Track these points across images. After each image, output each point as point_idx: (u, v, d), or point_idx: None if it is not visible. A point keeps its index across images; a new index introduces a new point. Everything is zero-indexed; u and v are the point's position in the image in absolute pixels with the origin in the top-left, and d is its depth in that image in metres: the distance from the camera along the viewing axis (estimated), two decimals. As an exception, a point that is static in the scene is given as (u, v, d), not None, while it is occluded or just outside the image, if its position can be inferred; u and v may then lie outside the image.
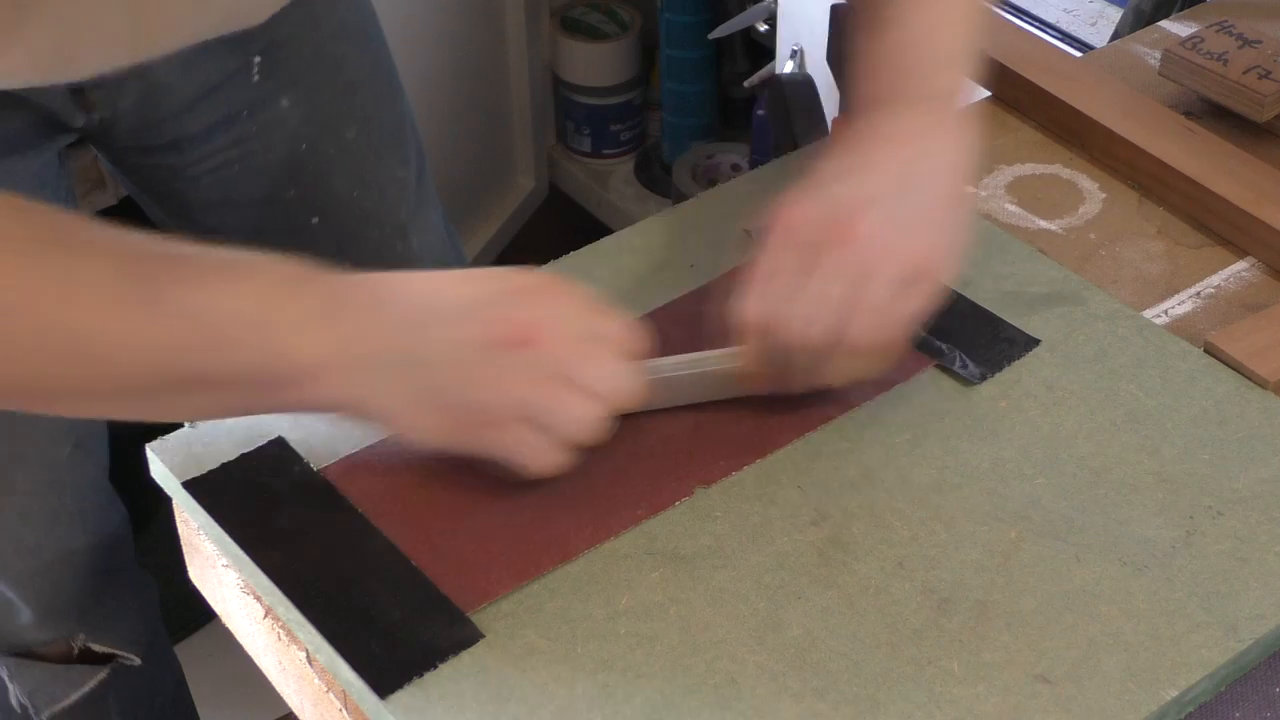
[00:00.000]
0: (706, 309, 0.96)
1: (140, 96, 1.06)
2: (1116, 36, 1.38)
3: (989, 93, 1.18)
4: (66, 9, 0.88)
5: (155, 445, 0.89)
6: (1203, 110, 1.13)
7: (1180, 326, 0.98)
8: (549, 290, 0.82)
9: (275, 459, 0.87)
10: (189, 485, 0.86)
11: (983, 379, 0.92)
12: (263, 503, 0.85)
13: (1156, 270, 1.02)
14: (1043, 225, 1.06)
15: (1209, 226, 1.05)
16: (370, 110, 1.18)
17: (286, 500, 0.85)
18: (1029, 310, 0.97)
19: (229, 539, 0.84)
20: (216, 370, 0.78)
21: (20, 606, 1.20)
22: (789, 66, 1.74)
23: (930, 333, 0.94)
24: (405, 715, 0.75)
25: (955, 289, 0.98)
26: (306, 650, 0.82)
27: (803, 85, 1.12)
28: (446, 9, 2.13)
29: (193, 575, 0.93)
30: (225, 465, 0.87)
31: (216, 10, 0.98)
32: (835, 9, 1.05)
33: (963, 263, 0.88)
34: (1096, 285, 0.99)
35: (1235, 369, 0.93)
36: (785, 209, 0.86)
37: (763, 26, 1.89)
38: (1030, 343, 0.94)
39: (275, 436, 0.88)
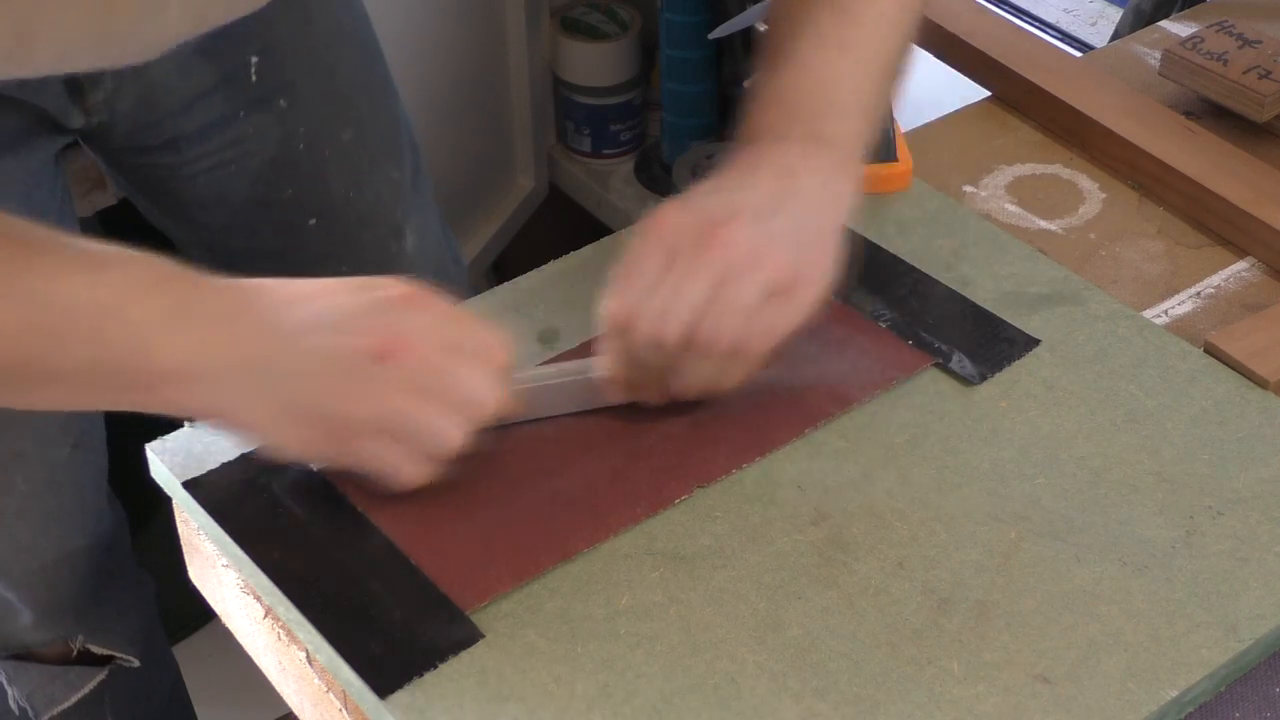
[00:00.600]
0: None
1: (139, 98, 1.06)
2: (1116, 36, 1.38)
3: (989, 93, 1.18)
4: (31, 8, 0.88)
5: (155, 445, 0.89)
6: (1203, 110, 1.13)
7: (1180, 326, 0.98)
8: (415, 301, 0.82)
9: (275, 459, 0.87)
10: (189, 485, 0.86)
11: (983, 379, 0.92)
12: (263, 503, 0.85)
13: (1156, 270, 1.02)
14: (1043, 225, 1.06)
15: (1209, 226, 1.05)
16: (366, 113, 1.18)
17: (286, 500, 0.85)
18: (1029, 310, 0.97)
19: (229, 539, 0.84)
20: (72, 362, 0.77)
21: (19, 607, 1.20)
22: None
23: (930, 332, 0.94)
24: (405, 715, 0.75)
25: (955, 289, 0.98)
26: (306, 650, 0.82)
27: (803, 85, 1.12)
28: (446, 9, 2.13)
29: (193, 575, 0.93)
30: (225, 465, 0.87)
31: (189, 11, 0.98)
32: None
33: (823, 296, 0.87)
34: (1096, 285, 0.99)
35: (1235, 369, 0.93)
36: (655, 213, 0.87)
37: (762, 26, 1.89)
38: (1030, 343, 0.94)
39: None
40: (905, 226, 1.03)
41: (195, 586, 0.94)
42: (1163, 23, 1.27)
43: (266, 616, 0.85)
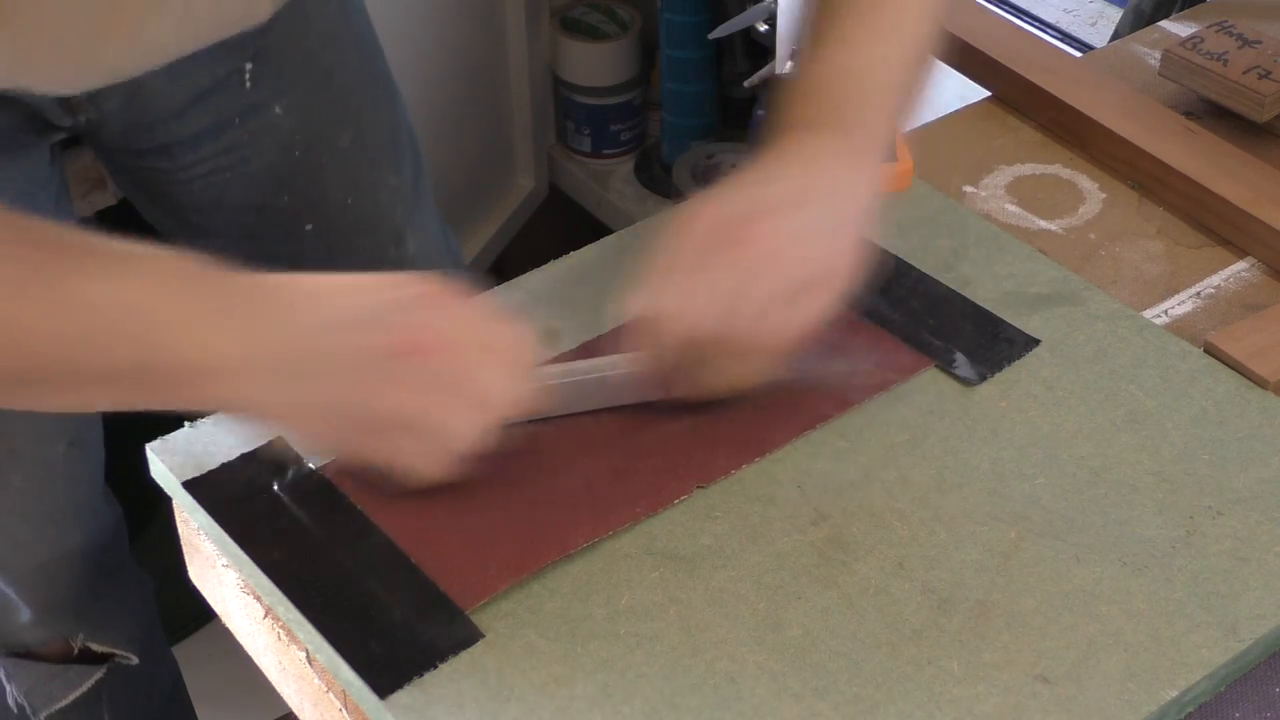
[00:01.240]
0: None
1: (126, 100, 1.06)
2: (1116, 36, 1.38)
3: (989, 93, 1.18)
4: (25, 25, 0.88)
5: (155, 445, 0.89)
6: (1203, 110, 1.13)
7: (1180, 326, 0.98)
8: (442, 298, 0.82)
9: (275, 459, 0.87)
10: (189, 485, 0.86)
11: (983, 379, 0.92)
12: (263, 503, 0.85)
13: (1156, 270, 1.02)
14: (1043, 225, 1.06)
15: (1209, 226, 1.05)
16: (364, 117, 1.18)
17: (286, 500, 0.85)
18: (1029, 310, 0.97)
19: (229, 539, 0.84)
20: (104, 363, 0.77)
21: (19, 605, 1.20)
22: (789, 66, 1.74)
23: (930, 333, 0.94)
24: (405, 715, 0.75)
25: (955, 289, 0.98)
26: (306, 650, 0.82)
27: (803, 85, 1.12)
28: (446, 9, 2.13)
29: (193, 575, 0.93)
30: (225, 465, 0.87)
31: (194, 30, 0.98)
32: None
33: (849, 288, 0.87)
34: (1096, 285, 0.99)
35: (1235, 369, 0.93)
36: (684, 210, 0.87)
37: (763, 26, 1.89)
38: (1030, 343, 0.94)
39: (275, 436, 0.88)
40: (905, 226, 1.03)
41: (195, 586, 0.94)
42: (1163, 23, 1.27)
43: (266, 616, 0.85)
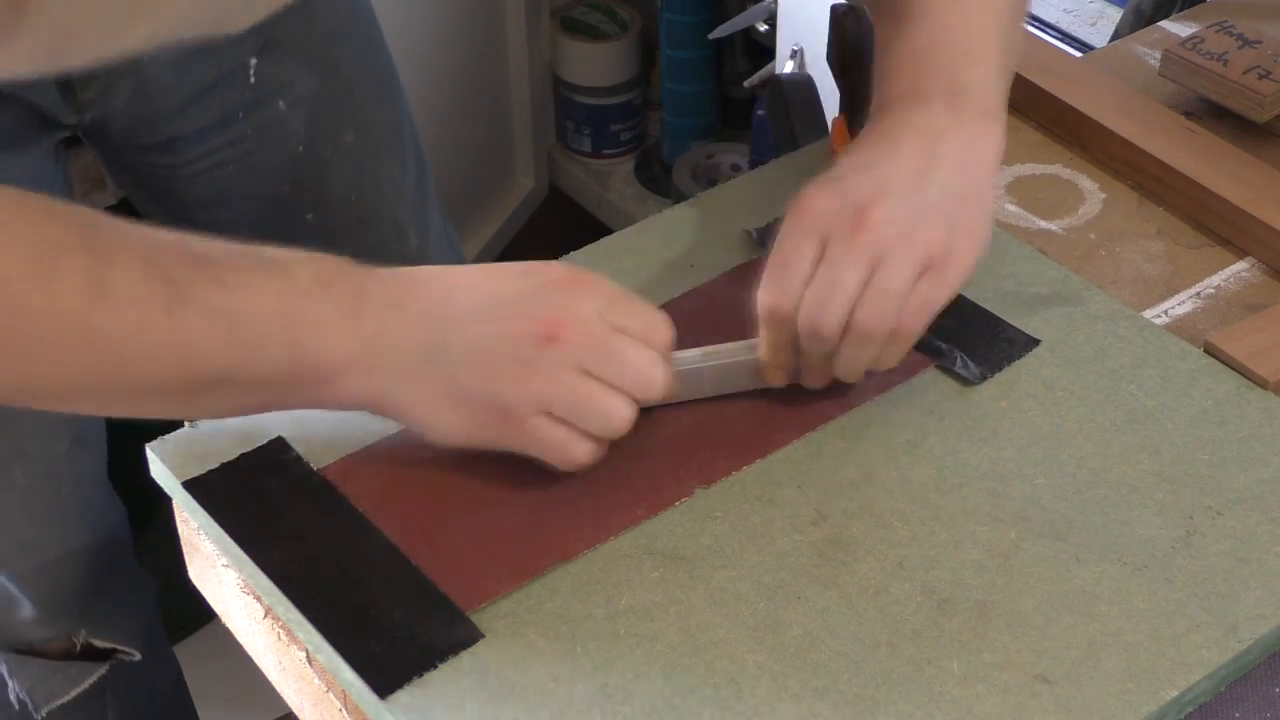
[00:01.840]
0: (706, 308, 0.96)
1: (132, 95, 1.06)
2: (1116, 36, 1.38)
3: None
4: (66, 10, 0.88)
5: (155, 445, 0.89)
6: (1203, 110, 1.13)
7: (1180, 326, 0.98)
8: (576, 283, 0.82)
9: (275, 459, 0.87)
10: (189, 485, 0.86)
11: (983, 379, 0.92)
12: (263, 503, 0.85)
13: (1156, 270, 1.02)
14: (1043, 225, 1.06)
15: (1209, 226, 1.05)
16: (368, 112, 1.18)
17: (286, 500, 0.85)
18: (1029, 310, 0.97)
19: (229, 539, 0.84)
20: (243, 371, 0.79)
21: (22, 601, 1.20)
22: (789, 66, 1.74)
23: (930, 333, 0.94)
24: (405, 715, 0.75)
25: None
26: (306, 650, 0.82)
27: (803, 85, 1.12)
28: (446, 9, 2.13)
29: (193, 575, 0.93)
30: (225, 465, 0.87)
31: (217, 12, 0.98)
32: (835, 9, 1.05)
33: (982, 257, 0.87)
34: (1096, 285, 0.99)
35: (1235, 369, 0.93)
36: (802, 198, 0.86)
37: (763, 26, 1.89)
38: (1030, 343, 0.94)
39: (275, 436, 0.88)
40: (905, 226, 1.03)
41: (195, 586, 0.94)
42: (1163, 23, 1.27)
43: (266, 616, 0.85)
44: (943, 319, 0.95)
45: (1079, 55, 1.32)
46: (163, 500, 0.90)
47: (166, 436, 0.89)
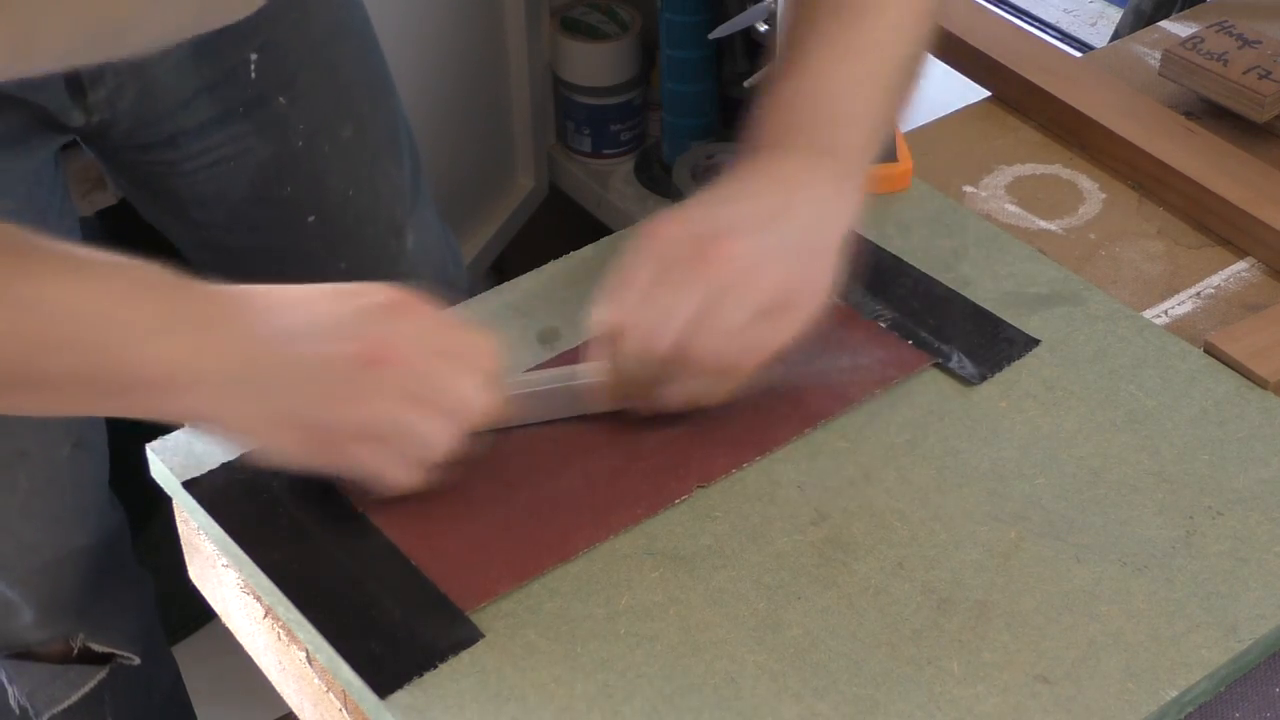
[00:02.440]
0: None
1: (140, 95, 1.06)
2: (1116, 36, 1.38)
3: (989, 93, 1.18)
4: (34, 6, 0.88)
5: (155, 445, 0.89)
6: (1203, 110, 1.13)
7: (1180, 326, 0.98)
8: (399, 307, 0.81)
9: (267, 463, 0.87)
10: (189, 485, 0.86)
11: (983, 379, 0.92)
12: (263, 503, 0.85)
13: (1156, 270, 1.02)
14: (1043, 225, 1.06)
15: (1209, 226, 1.05)
16: (365, 111, 1.18)
17: (286, 500, 0.85)
18: (1029, 310, 0.97)
19: (229, 539, 0.84)
20: (60, 368, 0.77)
21: (21, 606, 1.20)
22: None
23: (930, 332, 0.94)
24: (405, 715, 0.75)
25: (955, 289, 0.98)
26: (306, 650, 0.82)
27: (803, 85, 1.12)
28: (446, 9, 2.13)
29: (193, 575, 0.93)
30: (225, 465, 0.87)
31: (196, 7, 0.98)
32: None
33: (819, 313, 0.86)
34: (1096, 285, 0.99)
35: (1235, 369, 0.93)
36: (653, 223, 0.86)
37: (763, 26, 1.89)
38: (1030, 343, 0.94)
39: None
40: (905, 226, 1.03)
41: (195, 586, 0.94)
42: (1163, 23, 1.27)
43: (266, 616, 0.85)
44: (943, 319, 0.95)
45: (1079, 55, 1.32)
46: (163, 500, 0.90)
47: (166, 437, 0.89)
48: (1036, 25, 1.66)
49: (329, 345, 0.79)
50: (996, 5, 1.68)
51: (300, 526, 0.84)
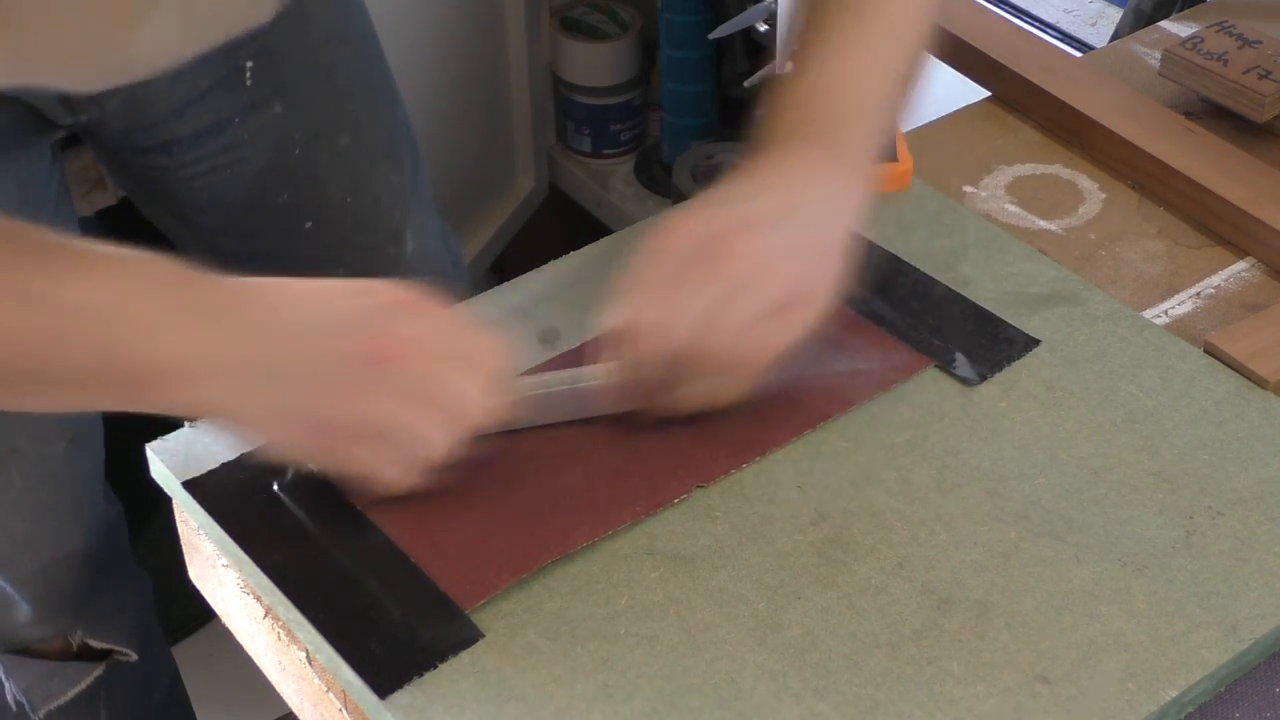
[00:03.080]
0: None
1: (128, 100, 1.06)
2: (1116, 36, 1.38)
3: (989, 93, 1.18)
4: (27, 26, 0.88)
5: (155, 445, 0.89)
6: (1203, 110, 1.13)
7: (1180, 326, 0.98)
8: (413, 306, 0.81)
9: (270, 458, 0.87)
10: (189, 485, 0.86)
11: (983, 379, 0.92)
12: (263, 503, 0.85)
13: (1156, 270, 1.02)
14: (1043, 225, 1.06)
15: (1209, 226, 1.05)
16: (364, 116, 1.18)
17: (286, 500, 0.85)
18: (1029, 310, 0.97)
19: (229, 539, 0.84)
20: (74, 365, 0.77)
21: (18, 601, 1.20)
22: (789, 66, 1.74)
23: (930, 333, 0.94)
24: (405, 715, 0.75)
25: (955, 289, 0.98)
26: (306, 650, 0.82)
27: (803, 85, 1.12)
28: (446, 9, 2.13)
29: (193, 575, 0.93)
30: (225, 465, 0.87)
31: (194, 29, 0.98)
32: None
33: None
34: (1096, 285, 0.99)
35: (1235, 369, 0.93)
36: (664, 222, 0.86)
37: (763, 26, 1.89)
38: (1030, 343, 0.94)
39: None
40: (905, 226, 1.03)
41: (195, 586, 0.94)
42: (1163, 23, 1.27)
43: (266, 616, 0.85)
44: (943, 319, 0.95)
45: (1079, 55, 1.32)
46: (163, 500, 0.90)
47: (166, 436, 0.89)
48: (1036, 25, 1.66)
49: (335, 341, 0.79)
50: (996, 5, 1.68)
51: (300, 526, 0.84)
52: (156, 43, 0.96)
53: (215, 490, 0.86)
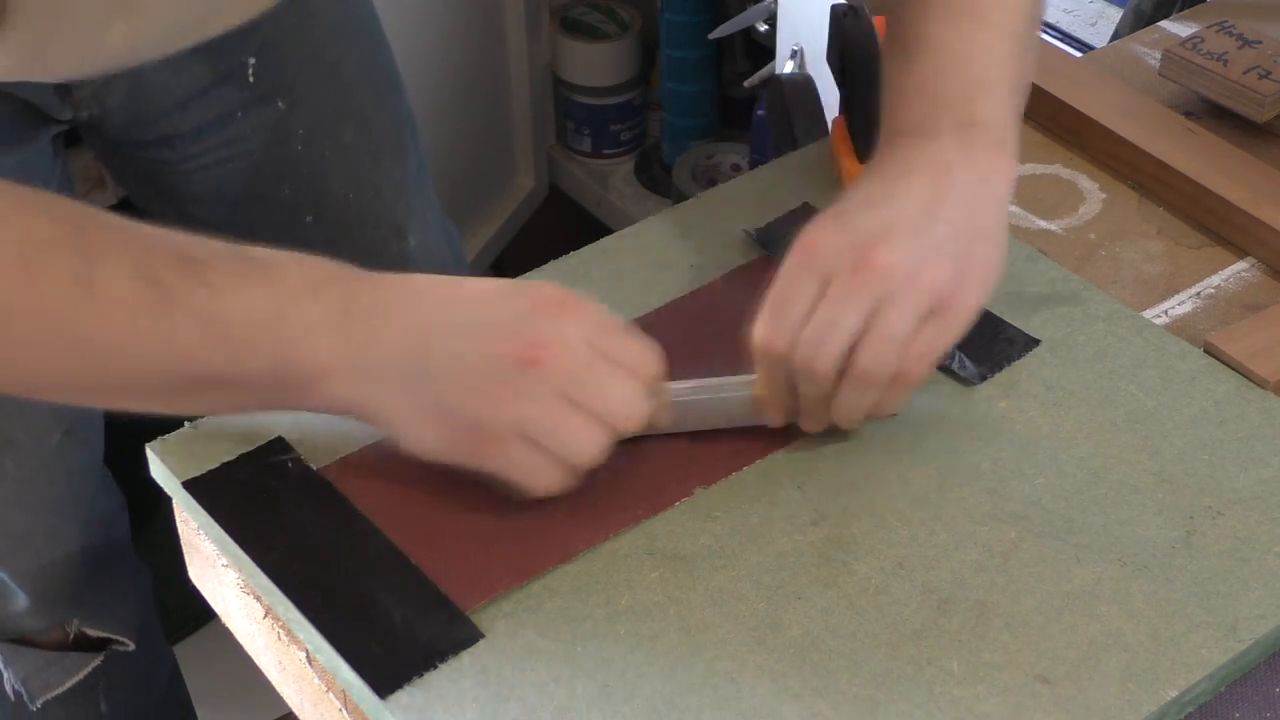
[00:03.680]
0: (706, 310, 0.96)
1: (129, 94, 1.06)
2: (1116, 36, 1.38)
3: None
4: (43, 9, 0.88)
5: (155, 445, 0.89)
6: (1203, 110, 1.13)
7: (1180, 326, 0.98)
8: (566, 308, 0.81)
9: (275, 459, 0.87)
10: (189, 485, 0.86)
11: (983, 379, 0.92)
12: (263, 503, 0.85)
13: (1156, 270, 1.02)
14: (1043, 225, 1.06)
15: (1209, 226, 1.05)
16: (368, 111, 1.18)
17: (286, 500, 0.85)
18: (1029, 310, 0.97)
19: (229, 539, 0.84)
20: (227, 374, 0.79)
21: (16, 591, 1.20)
22: (789, 66, 1.74)
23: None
24: (405, 715, 0.75)
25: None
26: (306, 650, 0.82)
27: (803, 85, 1.12)
28: (446, 9, 2.13)
29: (193, 575, 0.93)
30: (225, 465, 0.87)
31: (199, 13, 0.98)
32: (835, 9, 1.05)
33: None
34: (1096, 285, 0.99)
35: (1235, 369, 0.93)
36: (806, 234, 0.84)
37: (763, 26, 1.89)
38: (1030, 343, 0.94)
39: (275, 436, 0.88)
40: (905, 226, 1.03)
41: (195, 586, 0.94)
42: (1163, 23, 1.27)
43: (266, 616, 0.85)
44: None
45: (1079, 55, 1.32)
46: (163, 500, 0.90)
47: (167, 436, 0.89)
48: (1037, 25, 1.66)
49: (491, 343, 0.79)
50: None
51: (300, 526, 0.84)
52: (158, 25, 0.96)
53: (215, 490, 0.86)
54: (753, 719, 0.75)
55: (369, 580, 0.81)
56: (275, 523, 0.84)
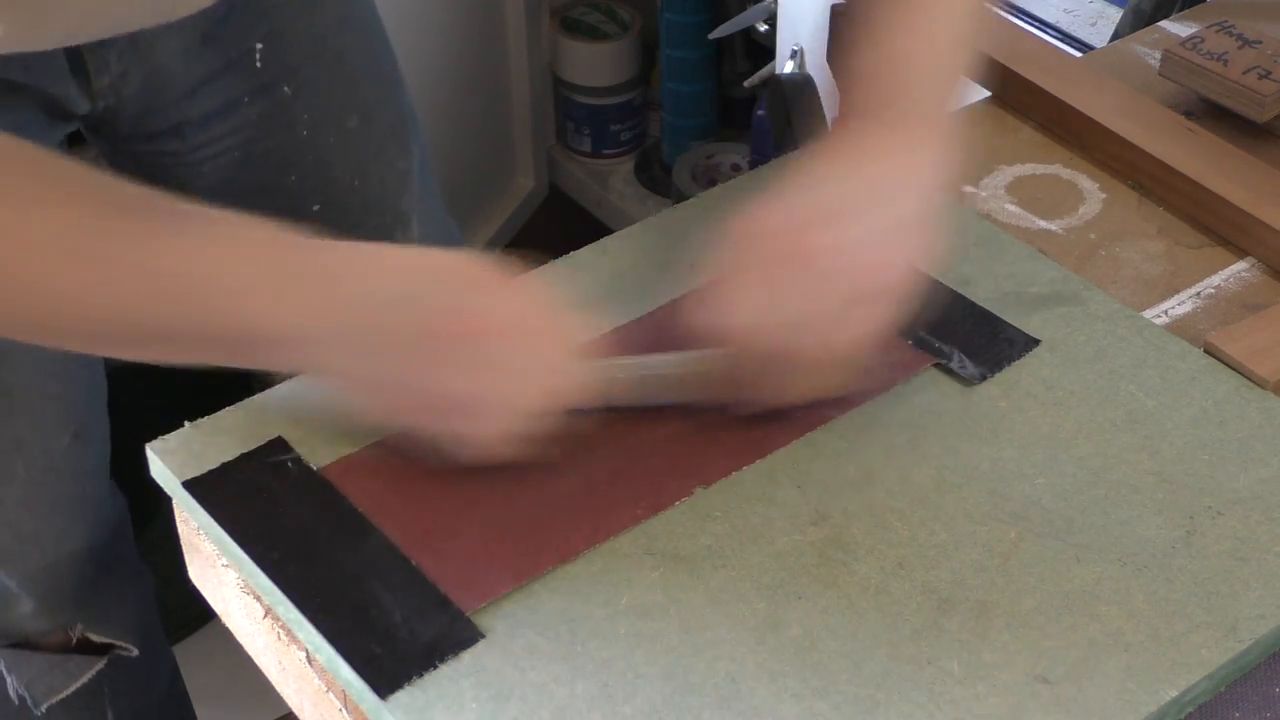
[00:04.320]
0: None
1: (145, 81, 1.07)
2: (1116, 36, 1.38)
3: (989, 93, 1.18)
4: None
5: (155, 445, 0.89)
6: (1203, 110, 1.13)
7: (1180, 326, 0.98)
8: (506, 282, 0.82)
9: (275, 459, 0.87)
10: (189, 485, 0.86)
11: (983, 379, 0.92)
12: (263, 503, 0.85)
13: (1156, 270, 1.02)
14: (1043, 225, 1.06)
15: (1209, 226, 1.05)
16: (372, 101, 1.19)
17: (286, 500, 0.85)
18: (1029, 310, 0.97)
19: (229, 539, 0.84)
20: (187, 329, 0.80)
21: (20, 595, 1.20)
22: (789, 66, 1.74)
23: (930, 333, 0.94)
24: (405, 715, 0.75)
25: (955, 289, 0.98)
26: (306, 650, 0.82)
27: (803, 85, 1.13)
28: (446, 9, 2.13)
29: (193, 575, 0.93)
30: (225, 465, 0.87)
31: None
32: (835, 9, 1.05)
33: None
34: (1096, 285, 0.99)
35: (1235, 369, 0.93)
36: (744, 215, 0.86)
37: (763, 26, 1.89)
38: (1030, 343, 0.94)
39: (275, 436, 0.88)
40: (905, 226, 1.03)
41: (195, 586, 0.94)
42: (1163, 23, 1.27)
43: (266, 616, 0.85)
44: (943, 319, 0.95)
45: (1079, 55, 1.32)
46: (163, 500, 0.90)
47: (167, 436, 0.89)
48: (1036, 25, 1.66)
49: (418, 315, 0.81)
50: (997, 6, 1.68)
51: (300, 526, 0.84)
52: None
53: (215, 490, 0.86)
54: (753, 719, 0.75)
55: (369, 580, 0.81)
56: (275, 523, 0.84)
